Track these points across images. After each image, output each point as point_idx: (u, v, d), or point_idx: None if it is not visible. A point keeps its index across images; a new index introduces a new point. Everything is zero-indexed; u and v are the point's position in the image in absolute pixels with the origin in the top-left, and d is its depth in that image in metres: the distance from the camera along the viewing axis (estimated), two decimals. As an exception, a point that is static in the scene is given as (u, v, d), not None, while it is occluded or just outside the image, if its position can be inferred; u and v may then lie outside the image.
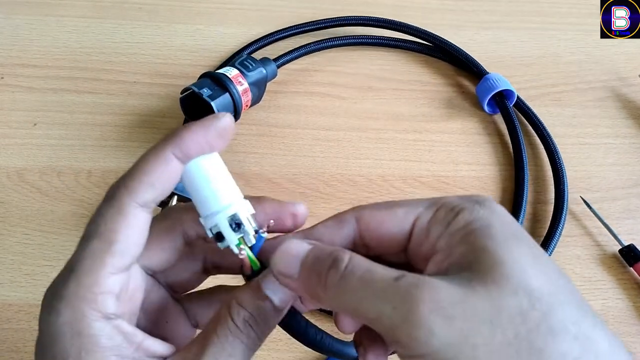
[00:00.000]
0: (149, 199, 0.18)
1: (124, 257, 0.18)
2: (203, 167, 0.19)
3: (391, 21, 0.52)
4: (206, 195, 0.19)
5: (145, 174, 0.18)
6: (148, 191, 0.18)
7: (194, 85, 0.40)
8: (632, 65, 0.52)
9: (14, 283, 0.36)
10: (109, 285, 0.17)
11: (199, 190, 0.19)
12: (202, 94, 0.39)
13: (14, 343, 0.33)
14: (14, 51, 0.49)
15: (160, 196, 0.19)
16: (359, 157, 0.44)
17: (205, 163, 0.19)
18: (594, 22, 0.55)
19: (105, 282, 0.17)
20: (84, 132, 0.44)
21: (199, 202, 0.19)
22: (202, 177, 0.19)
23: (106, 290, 0.17)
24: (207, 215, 0.19)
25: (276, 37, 0.51)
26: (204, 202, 0.19)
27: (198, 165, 0.19)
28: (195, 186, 0.19)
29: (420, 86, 0.50)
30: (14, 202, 0.39)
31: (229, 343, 0.18)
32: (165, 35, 0.51)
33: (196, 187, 0.19)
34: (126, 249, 0.18)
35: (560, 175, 0.42)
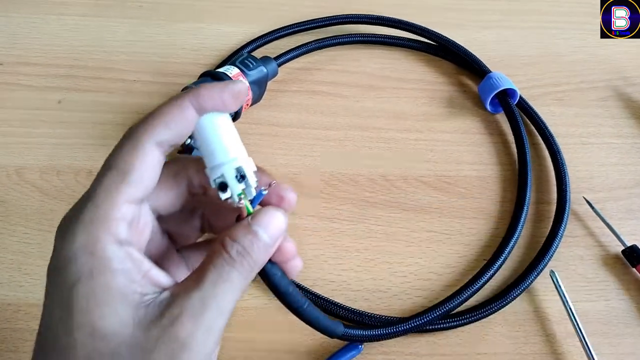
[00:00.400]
0: (164, 139, 0.20)
1: (138, 188, 0.20)
2: (215, 122, 0.21)
3: (393, 19, 0.52)
4: (215, 148, 0.21)
5: (163, 116, 0.20)
6: (164, 132, 0.20)
7: (193, 84, 0.40)
8: (635, 65, 0.52)
9: (13, 282, 0.36)
10: (122, 213, 0.19)
11: (209, 142, 0.21)
12: None
13: (13, 343, 0.33)
14: (14, 49, 0.49)
15: (174, 139, 0.20)
16: (360, 157, 0.44)
17: (218, 119, 0.21)
18: (595, 21, 0.55)
19: (120, 209, 0.19)
20: (84, 131, 0.44)
21: (208, 154, 0.21)
22: (213, 131, 0.21)
23: (120, 216, 0.19)
24: (213, 166, 0.21)
25: (277, 35, 0.51)
26: (212, 154, 0.21)
27: (211, 120, 0.21)
28: (206, 139, 0.21)
29: (422, 85, 0.49)
30: (13, 201, 0.39)
31: (226, 271, 0.19)
32: (166, 34, 0.51)
33: (206, 139, 0.21)
34: (140, 181, 0.20)
35: (563, 175, 0.42)
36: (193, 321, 0.18)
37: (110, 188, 0.19)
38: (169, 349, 0.18)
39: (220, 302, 0.19)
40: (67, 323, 0.18)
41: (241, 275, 0.20)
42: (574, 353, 0.34)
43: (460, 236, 0.40)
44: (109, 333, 0.18)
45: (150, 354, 0.18)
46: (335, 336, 0.26)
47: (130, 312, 0.18)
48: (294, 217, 0.39)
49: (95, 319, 0.18)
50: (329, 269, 0.37)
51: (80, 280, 0.18)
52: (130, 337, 0.18)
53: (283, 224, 0.21)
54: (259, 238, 0.20)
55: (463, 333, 0.35)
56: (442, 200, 0.42)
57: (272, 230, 0.21)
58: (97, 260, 0.18)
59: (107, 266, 0.18)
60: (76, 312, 0.18)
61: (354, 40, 0.52)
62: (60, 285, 0.19)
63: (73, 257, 0.18)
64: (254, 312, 0.35)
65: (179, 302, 0.19)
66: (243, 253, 0.20)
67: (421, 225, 0.40)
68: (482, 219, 0.41)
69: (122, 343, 0.18)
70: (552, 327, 0.35)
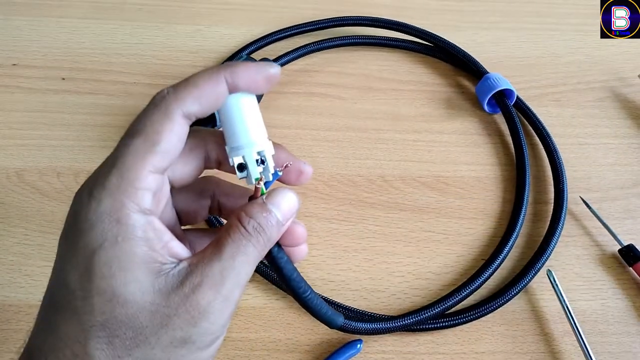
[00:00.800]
0: (192, 111, 0.20)
1: (165, 158, 0.19)
2: (243, 103, 0.21)
3: (391, 21, 0.52)
4: (239, 129, 0.21)
5: (196, 88, 0.20)
6: (194, 104, 0.20)
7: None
8: (631, 66, 0.52)
9: (14, 284, 0.36)
10: (148, 182, 0.19)
11: (234, 122, 0.21)
12: None
13: (14, 344, 0.33)
14: (14, 52, 0.49)
15: (203, 113, 0.20)
16: (358, 158, 0.44)
17: (246, 101, 0.22)
18: (593, 22, 0.55)
19: (146, 178, 0.19)
20: (84, 133, 0.44)
21: (231, 133, 0.22)
22: (240, 111, 0.21)
23: (145, 186, 0.19)
24: (235, 146, 0.21)
25: (276, 37, 0.51)
26: (235, 134, 0.21)
27: (239, 100, 0.21)
28: (231, 118, 0.21)
29: (420, 86, 0.50)
30: (13, 203, 0.39)
31: (243, 245, 0.20)
32: (165, 36, 0.51)
33: (232, 118, 0.21)
34: (167, 151, 0.19)
35: (560, 175, 0.42)
36: (214, 290, 0.19)
37: (137, 156, 0.19)
38: (189, 316, 0.18)
39: (238, 274, 0.19)
40: (86, 287, 0.18)
41: (256, 249, 0.20)
42: (571, 352, 0.34)
43: (458, 236, 0.40)
44: (130, 300, 0.18)
45: (170, 319, 0.18)
46: (335, 326, 0.26)
47: (151, 280, 0.18)
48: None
49: (116, 285, 0.18)
50: (327, 269, 0.38)
51: (103, 246, 0.18)
52: (150, 304, 0.18)
53: (296, 205, 0.22)
54: (273, 216, 0.21)
55: (461, 332, 0.35)
56: (440, 201, 0.42)
57: (284, 210, 0.21)
58: (122, 227, 0.18)
59: (131, 233, 0.18)
60: (97, 277, 0.18)
61: (352, 42, 0.52)
62: (80, 249, 0.18)
63: (97, 221, 0.18)
64: (254, 312, 0.36)
65: (200, 271, 0.19)
66: (258, 229, 0.20)
67: (419, 225, 0.40)
68: (479, 219, 0.41)
69: (142, 309, 0.18)
70: (549, 326, 0.36)
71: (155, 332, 0.18)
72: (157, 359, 0.19)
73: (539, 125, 0.45)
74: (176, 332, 0.18)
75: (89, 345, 0.18)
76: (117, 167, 0.19)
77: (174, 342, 0.19)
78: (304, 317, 0.35)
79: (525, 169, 0.42)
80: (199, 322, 0.19)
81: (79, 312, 0.18)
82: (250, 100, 0.22)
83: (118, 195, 0.18)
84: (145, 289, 0.18)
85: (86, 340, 0.18)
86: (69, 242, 0.19)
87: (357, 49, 0.52)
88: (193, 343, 0.19)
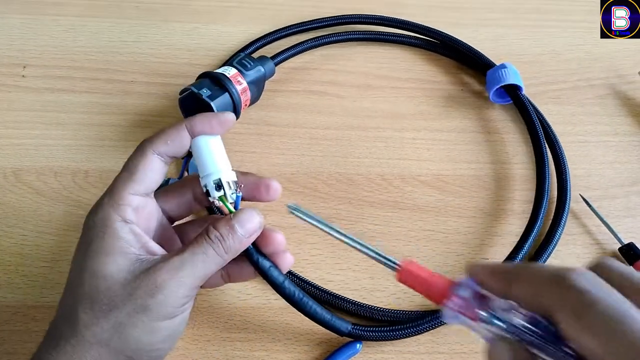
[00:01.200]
0: (163, 150, 0.28)
1: (140, 184, 0.27)
2: (207, 142, 0.28)
3: (392, 19, 0.52)
4: (204, 162, 0.28)
5: (165, 134, 0.28)
6: (163, 146, 0.28)
7: (192, 86, 0.40)
8: (631, 63, 0.52)
9: (11, 285, 0.36)
10: (128, 200, 0.27)
11: (201, 158, 0.28)
12: (201, 95, 0.39)
13: (12, 345, 0.33)
14: (10, 50, 0.48)
15: (172, 152, 0.28)
16: (357, 156, 0.44)
17: (209, 140, 0.28)
18: (593, 19, 0.55)
19: (126, 198, 0.27)
20: (81, 132, 0.44)
21: (200, 166, 0.28)
22: (204, 149, 0.28)
23: (126, 203, 0.27)
24: (202, 176, 0.28)
25: (276, 36, 0.51)
26: (202, 167, 0.28)
27: (204, 140, 0.28)
28: (199, 154, 0.28)
29: (419, 84, 0.49)
30: (10, 203, 0.39)
31: (203, 246, 0.26)
32: (162, 34, 0.51)
33: (199, 155, 0.28)
34: (142, 180, 0.27)
35: (563, 172, 0.42)
36: (170, 273, 0.25)
37: (121, 183, 0.27)
38: (148, 289, 0.25)
39: (194, 266, 0.26)
40: (80, 266, 0.26)
41: (215, 252, 0.26)
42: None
43: (457, 235, 0.40)
44: (108, 275, 0.25)
45: (134, 290, 0.25)
46: (342, 333, 0.32)
47: (127, 264, 0.26)
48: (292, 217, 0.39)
49: (100, 264, 0.25)
50: (326, 269, 0.38)
51: (94, 240, 0.26)
52: (123, 279, 0.25)
53: (257, 223, 0.28)
54: (235, 230, 0.27)
55: (460, 331, 0.35)
56: (439, 199, 0.42)
57: (247, 226, 0.27)
58: (108, 229, 0.26)
59: (114, 233, 0.26)
60: (88, 258, 0.26)
61: (351, 38, 0.52)
62: (81, 244, 0.27)
63: (93, 225, 0.26)
64: (253, 312, 0.35)
65: (164, 260, 0.26)
66: (220, 238, 0.27)
67: (419, 224, 0.40)
68: (479, 217, 0.41)
69: (116, 283, 0.25)
70: (549, 325, 0.35)
71: (123, 300, 0.25)
72: (124, 322, 0.25)
73: (543, 121, 0.45)
74: (138, 300, 0.25)
75: (77, 309, 0.25)
76: (109, 190, 0.27)
77: (136, 309, 0.25)
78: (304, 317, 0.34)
79: (545, 158, 0.42)
80: (155, 294, 0.25)
81: (73, 286, 0.26)
82: (213, 140, 0.28)
83: (107, 208, 0.26)
84: (121, 269, 0.25)
85: (75, 305, 0.25)
86: (80, 240, 0.27)
87: (356, 45, 0.52)
88: (151, 311, 0.25)
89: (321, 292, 0.36)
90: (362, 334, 0.33)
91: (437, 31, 0.51)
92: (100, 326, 0.25)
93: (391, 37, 0.52)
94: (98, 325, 0.25)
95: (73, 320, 0.25)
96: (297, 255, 0.37)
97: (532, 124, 0.44)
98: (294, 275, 0.36)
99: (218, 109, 0.39)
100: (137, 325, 0.25)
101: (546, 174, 0.41)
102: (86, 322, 0.25)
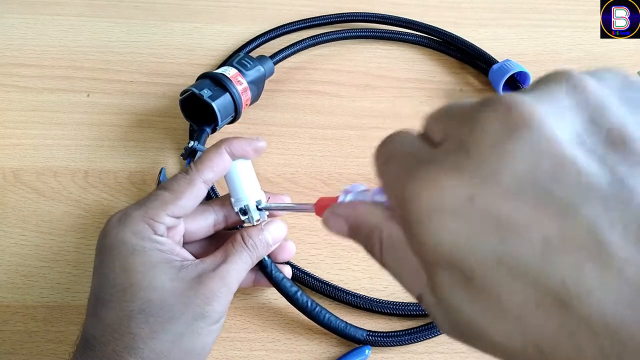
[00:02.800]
0: (208, 178, 0.29)
1: (181, 210, 0.28)
2: (240, 167, 0.31)
3: (393, 17, 0.52)
4: (236, 187, 0.31)
5: (209, 161, 0.29)
6: (209, 173, 0.29)
7: (193, 87, 0.40)
8: (631, 63, 0.52)
9: (11, 285, 0.36)
10: (164, 220, 0.27)
11: (233, 182, 0.31)
12: (202, 95, 0.39)
13: (11, 345, 0.33)
14: (9, 50, 0.48)
15: (216, 178, 0.29)
16: (357, 156, 0.44)
17: (242, 165, 0.31)
18: (592, 19, 0.55)
19: (163, 218, 0.27)
20: (81, 132, 0.43)
21: (232, 189, 0.31)
22: (236, 174, 0.31)
23: (162, 222, 0.27)
24: (236, 198, 0.31)
25: (275, 33, 0.50)
26: (236, 190, 0.31)
27: (236, 165, 0.31)
28: (232, 179, 0.31)
29: (419, 84, 0.49)
30: (10, 203, 0.39)
31: (244, 255, 0.29)
32: (162, 34, 0.51)
33: (232, 179, 0.31)
34: (185, 206, 0.28)
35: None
36: (221, 281, 0.27)
37: (162, 203, 0.28)
38: (205, 297, 0.26)
39: (238, 272, 0.28)
40: (126, 281, 0.25)
41: (250, 259, 0.29)
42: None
43: (457, 235, 0.40)
44: (159, 286, 0.25)
45: (191, 299, 0.26)
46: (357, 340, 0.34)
47: (175, 272, 0.26)
48: (292, 216, 0.39)
49: (151, 277, 0.26)
50: (326, 269, 0.38)
51: (134, 253, 0.26)
52: (175, 288, 0.26)
53: (284, 233, 0.32)
54: (266, 239, 0.30)
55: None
56: (439, 199, 0.42)
57: (275, 236, 0.31)
58: (147, 241, 0.26)
59: (153, 246, 0.27)
60: (135, 273, 0.25)
61: (351, 36, 0.52)
62: (115, 257, 0.26)
63: (127, 238, 0.26)
64: (253, 312, 0.35)
65: (213, 268, 0.27)
66: (254, 246, 0.29)
67: (418, 224, 0.40)
68: (479, 217, 0.41)
69: (171, 293, 0.25)
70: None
71: (181, 309, 0.25)
72: (182, 331, 0.25)
73: None
74: (196, 308, 0.26)
75: (131, 326, 0.25)
76: (145, 205, 0.28)
77: (195, 317, 0.26)
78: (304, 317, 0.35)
79: None
80: (212, 302, 0.26)
81: (121, 301, 0.25)
82: (246, 164, 0.31)
83: (141, 223, 0.27)
84: (171, 278, 0.26)
85: (129, 322, 0.25)
86: (104, 254, 0.27)
87: (355, 45, 0.52)
88: (208, 317, 0.26)
89: (325, 286, 0.36)
90: (377, 341, 0.33)
91: (442, 30, 0.51)
92: (159, 339, 0.25)
93: (392, 34, 0.52)
94: (157, 339, 0.25)
95: (127, 339, 0.24)
96: (297, 255, 0.37)
97: None
98: (296, 268, 0.36)
99: (219, 110, 0.39)
100: (196, 333, 0.26)
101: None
102: (143, 337, 0.24)
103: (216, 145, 0.30)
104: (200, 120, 0.40)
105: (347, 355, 0.33)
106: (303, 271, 0.36)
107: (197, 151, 0.37)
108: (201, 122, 0.40)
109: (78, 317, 0.35)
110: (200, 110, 0.40)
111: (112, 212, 0.39)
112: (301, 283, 0.36)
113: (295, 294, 0.32)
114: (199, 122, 0.40)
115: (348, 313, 0.36)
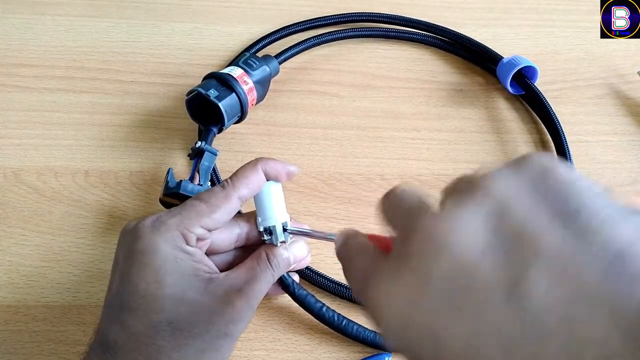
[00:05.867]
0: (243, 195, 0.29)
1: (215, 223, 0.28)
2: (270, 188, 0.31)
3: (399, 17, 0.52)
4: (265, 206, 0.31)
5: (245, 179, 0.29)
6: (245, 189, 0.29)
7: (199, 87, 0.40)
8: (630, 62, 0.52)
9: (12, 284, 0.36)
10: (197, 231, 0.27)
11: (263, 201, 0.31)
12: (209, 96, 0.38)
13: (12, 345, 0.33)
14: (9, 50, 0.48)
15: (250, 195, 0.30)
16: (357, 156, 0.44)
17: (272, 187, 0.31)
18: (592, 19, 0.55)
19: (197, 229, 0.27)
20: (81, 132, 0.44)
21: (260, 208, 0.31)
22: (268, 193, 0.31)
23: (194, 232, 0.27)
24: (263, 218, 0.31)
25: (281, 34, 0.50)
26: (264, 210, 0.31)
27: (269, 185, 0.31)
28: (262, 198, 0.31)
29: (418, 84, 0.50)
30: (10, 203, 0.39)
31: (268, 273, 0.29)
32: (162, 34, 0.51)
33: (262, 198, 0.31)
34: (219, 220, 0.28)
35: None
36: (247, 303, 0.27)
37: (198, 214, 0.27)
38: (231, 317, 0.26)
39: (261, 291, 0.28)
40: (157, 293, 0.25)
41: (272, 277, 0.30)
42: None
43: (457, 235, 0.40)
44: (189, 300, 0.26)
45: (218, 318, 0.26)
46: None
47: (204, 285, 0.26)
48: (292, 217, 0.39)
49: (182, 291, 0.26)
50: (326, 269, 0.38)
51: (166, 263, 0.26)
52: (204, 303, 0.26)
53: (305, 254, 0.32)
54: (288, 258, 0.31)
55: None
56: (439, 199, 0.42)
57: (296, 256, 0.32)
58: (179, 252, 0.26)
59: (185, 256, 0.27)
60: (166, 286, 0.25)
61: (354, 35, 0.51)
62: (146, 265, 0.26)
63: (159, 246, 0.26)
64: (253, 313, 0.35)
65: (238, 285, 0.28)
66: (278, 265, 0.30)
67: (419, 224, 0.40)
68: (479, 217, 0.41)
69: (198, 307, 0.26)
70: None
71: (206, 327, 0.26)
72: (205, 347, 0.26)
73: (552, 116, 0.45)
74: (221, 327, 0.26)
75: (156, 337, 0.25)
76: (180, 214, 0.27)
77: (218, 335, 0.26)
78: (304, 317, 0.35)
79: (564, 146, 0.43)
80: (237, 323, 0.27)
81: (149, 311, 0.25)
82: (276, 187, 0.31)
83: (175, 232, 0.27)
84: (201, 292, 0.26)
85: (155, 333, 0.25)
86: (133, 259, 0.26)
87: (356, 45, 0.52)
88: (230, 337, 0.27)
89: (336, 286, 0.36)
90: None
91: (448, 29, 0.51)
92: (182, 353, 0.25)
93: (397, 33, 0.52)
94: (180, 353, 0.25)
95: (152, 350, 0.25)
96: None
97: (547, 112, 0.44)
98: (311, 270, 0.37)
99: (226, 110, 0.39)
100: (216, 350, 0.26)
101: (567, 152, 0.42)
102: (167, 350, 0.25)
103: (252, 163, 0.30)
104: (206, 120, 0.40)
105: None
106: (312, 269, 0.36)
107: (204, 151, 0.37)
108: (207, 122, 0.40)
109: (79, 317, 0.35)
110: (206, 110, 0.40)
111: (113, 212, 0.39)
112: (309, 282, 0.36)
113: (321, 309, 0.33)
114: (205, 122, 0.40)
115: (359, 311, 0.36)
